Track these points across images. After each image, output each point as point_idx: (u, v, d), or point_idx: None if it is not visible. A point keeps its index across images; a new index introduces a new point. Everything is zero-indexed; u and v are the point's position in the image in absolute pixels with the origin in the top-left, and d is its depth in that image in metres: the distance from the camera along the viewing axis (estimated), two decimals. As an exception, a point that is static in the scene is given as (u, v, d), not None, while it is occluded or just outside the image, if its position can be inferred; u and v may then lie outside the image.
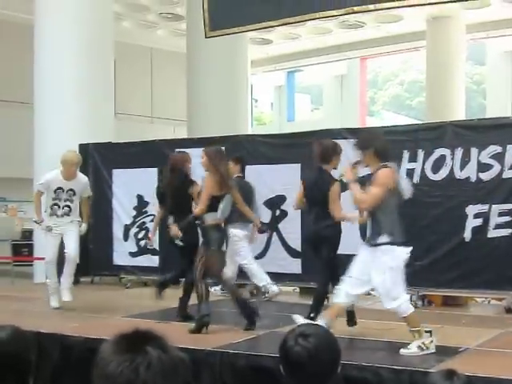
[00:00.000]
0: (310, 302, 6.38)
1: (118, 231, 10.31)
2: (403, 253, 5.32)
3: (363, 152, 5.57)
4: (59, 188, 7.71)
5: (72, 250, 7.63)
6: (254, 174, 8.87)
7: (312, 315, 6.07)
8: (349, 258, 5.74)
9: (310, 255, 7.06)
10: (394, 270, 5.26)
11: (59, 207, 7.72)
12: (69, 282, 7.70)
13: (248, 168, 8.61)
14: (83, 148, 10.56)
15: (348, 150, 8.12)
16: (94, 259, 10.37)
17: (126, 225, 10.22)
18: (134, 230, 10.16)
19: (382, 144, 5.60)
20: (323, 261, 6.37)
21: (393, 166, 5.53)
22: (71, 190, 7.75)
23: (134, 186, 10.06)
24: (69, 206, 7.75)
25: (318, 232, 6.37)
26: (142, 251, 10.04)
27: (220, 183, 6.30)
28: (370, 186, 5.44)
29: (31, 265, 11.42)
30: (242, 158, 8.55)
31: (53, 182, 7.74)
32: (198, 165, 6.86)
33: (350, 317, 6.17)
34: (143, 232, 10.01)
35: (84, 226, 7.94)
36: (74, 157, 7.88)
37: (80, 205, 7.98)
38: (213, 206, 6.29)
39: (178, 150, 8.04)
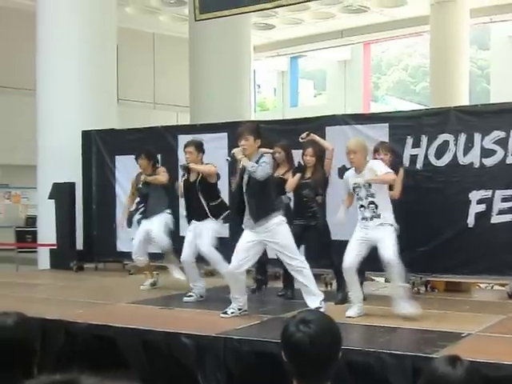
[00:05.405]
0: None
1: (121, 218, 10.28)
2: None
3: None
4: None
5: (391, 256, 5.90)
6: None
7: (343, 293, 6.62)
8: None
9: (311, 242, 7.13)
10: None
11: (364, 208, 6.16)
12: None
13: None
14: (86, 135, 10.56)
15: (351, 136, 8.10)
16: (98, 246, 10.39)
17: (130, 211, 10.20)
18: (137, 216, 10.14)
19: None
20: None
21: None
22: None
23: (136, 172, 10.05)
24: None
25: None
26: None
27: None
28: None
29: (35, 251, 11.46)
30: None
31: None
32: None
33: None
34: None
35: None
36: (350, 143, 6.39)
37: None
38: None
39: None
